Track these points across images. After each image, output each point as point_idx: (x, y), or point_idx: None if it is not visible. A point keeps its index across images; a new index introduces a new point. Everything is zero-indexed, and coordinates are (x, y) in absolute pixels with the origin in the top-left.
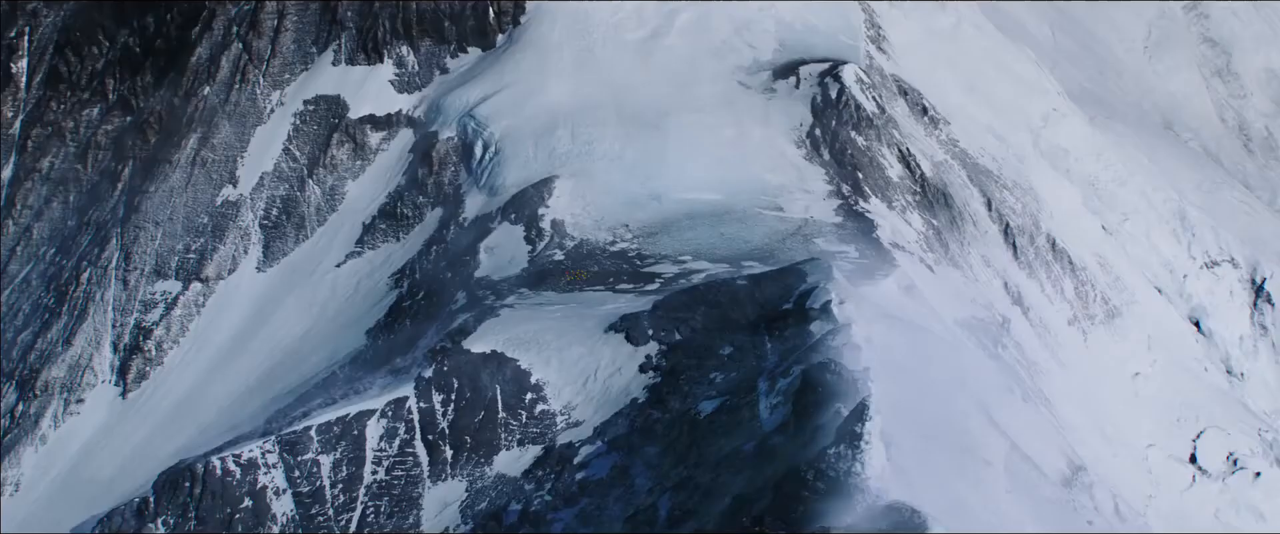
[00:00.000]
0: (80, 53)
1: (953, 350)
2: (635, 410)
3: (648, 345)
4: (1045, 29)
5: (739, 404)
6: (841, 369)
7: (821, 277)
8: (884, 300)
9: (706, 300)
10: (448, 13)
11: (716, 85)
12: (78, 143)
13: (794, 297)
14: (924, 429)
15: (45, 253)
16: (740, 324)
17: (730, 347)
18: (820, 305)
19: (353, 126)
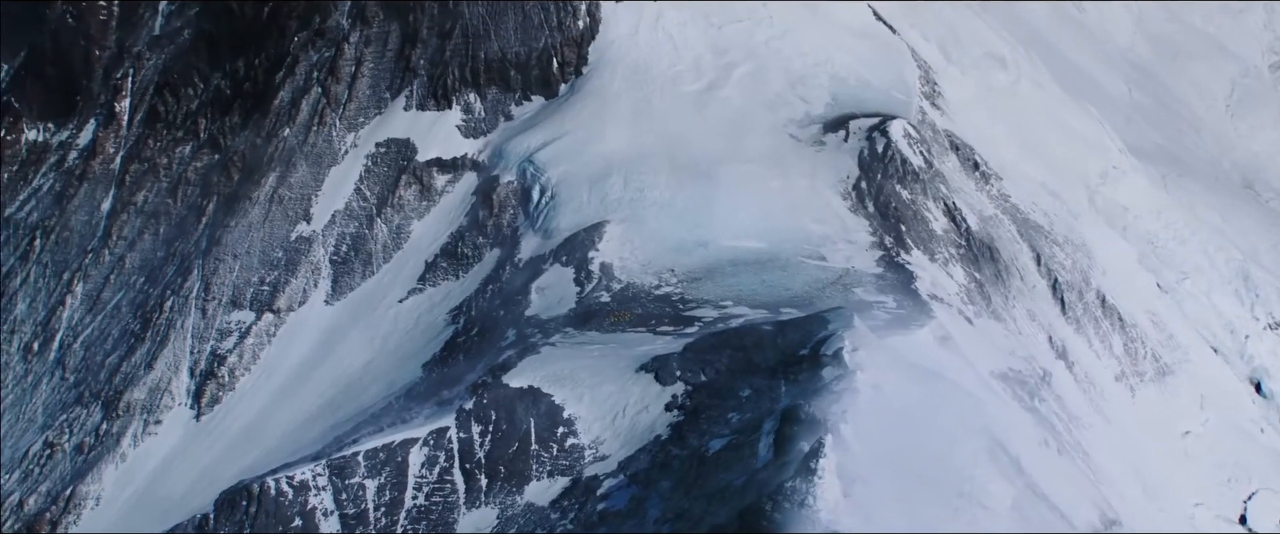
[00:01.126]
0: (177, 94)
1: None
2: (657, 446)
3: (675, 385)
4: (1121, 85)
5: (743, 442)
6: (815, 410)
7: (842, 324)
8: (914, 350)
9: (732, 344)
10: (514, 62)
11: (768, 137)
12: (170, 178)
13: (812, 343)
14: (912, 471)
15: (135, 281)
16: (762, 368)
17: (750, 389)
18: (833, 352)
19: (420, 169)
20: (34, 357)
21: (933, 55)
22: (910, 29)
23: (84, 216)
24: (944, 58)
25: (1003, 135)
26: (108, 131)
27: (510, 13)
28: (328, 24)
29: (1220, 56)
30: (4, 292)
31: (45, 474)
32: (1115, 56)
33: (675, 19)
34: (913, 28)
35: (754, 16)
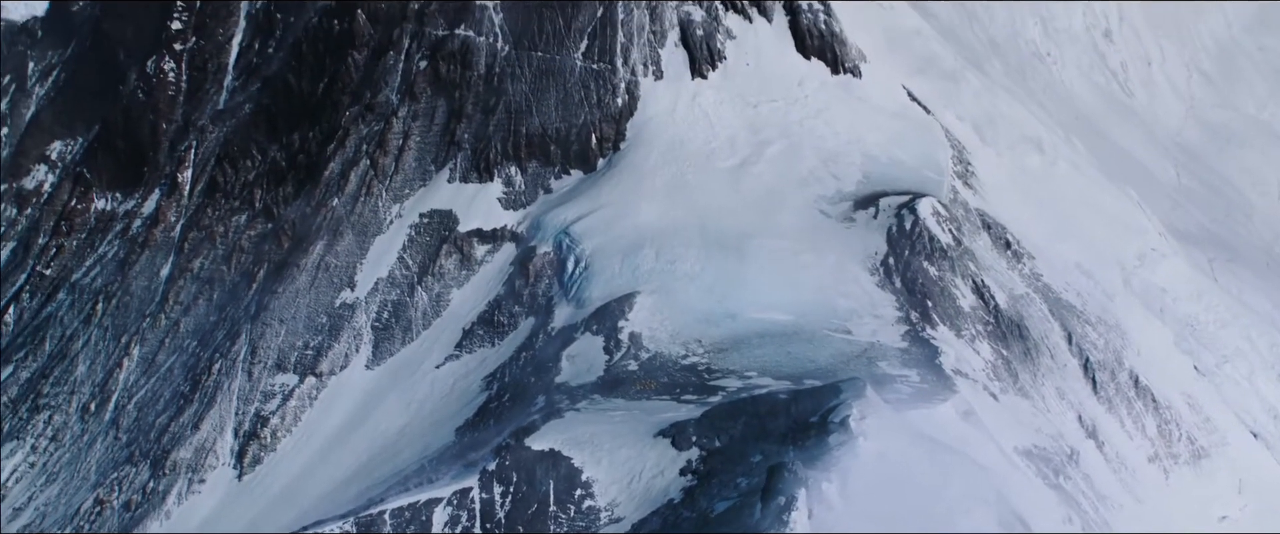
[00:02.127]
0: (236, 165)
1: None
2: (669, 509)
3: (690, 451)
4: (1169, 169)
5: (744, 504)
6: (798, 467)
7: (853, 394)
8: (932, 424)
9: (747, 411)
10: (555, 137)
11: (799, 213)
12: (226, 246)
13: (823, 410)
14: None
15: (188, 345)
16: (774, 434)
17: (760, 455)
18: (840, 419)
19: (461, 239)
20: (90, 416)
21: (967, 136)
22: (945, 110)
23: (144, 282)
24: (979, 139)
25: (1037, 216)
26: (170, 201)
27: (552, 90)
28: (378, 99)
29: (1273, 143)
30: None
31: (94, 530)
32: (1165, 141)
33: (712, 98)
34: (947, 109)
35: (789, 96)
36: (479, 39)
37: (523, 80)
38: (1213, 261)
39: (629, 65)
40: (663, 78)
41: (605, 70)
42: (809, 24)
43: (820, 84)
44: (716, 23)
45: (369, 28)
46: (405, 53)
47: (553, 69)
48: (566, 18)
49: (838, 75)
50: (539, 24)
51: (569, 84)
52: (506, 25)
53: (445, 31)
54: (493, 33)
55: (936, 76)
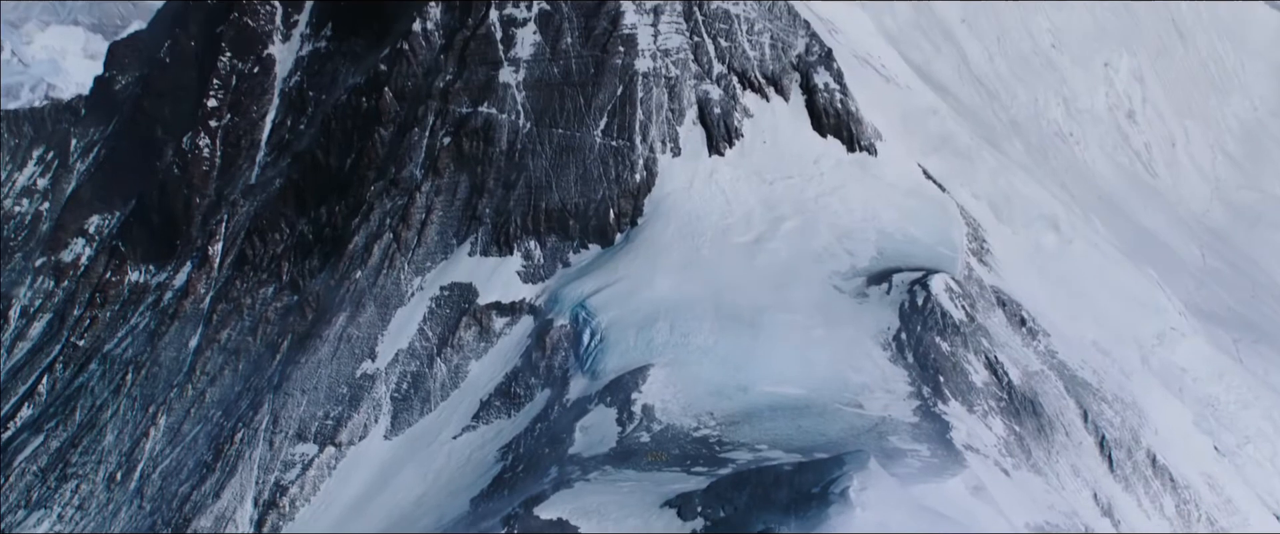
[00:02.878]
0: (265, 239)
1: None
2: None
3: (695, 521)
4: (1194, 249)
5: None
6: None
7: (856, 466)
8: (940, 498)
9: (752, 482)
10: (573, 212)
11: (813, 288)
12: (252, 318)
13: (825, 482)
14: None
15: (213, 415)
16: (777, 505)
17: (763, 524)
18: (840, 490)
19: (480, 312)
20: (116, 486)
21: (983, 214)
22: (960, 188)
23: (173, 353)
24: (995, 217)
25: (1053, 293)
26: (200, 273)
27: (572, 166)
28: (402, 174)
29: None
30: (96, 424)
31: None
32: (1190, 222)
33: (729, 174)
34: (963, 187)
35: (805, 173)
36: (501, 116)
37: (543, 156)
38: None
39: (647, 142)
40: (680, 155)
41: (624, 147)
42: (825, 103)
43: (836, 162)
44: (734, 101)
45: (395, 105)
46: (429, 129)
47: (573, 145)
48: (587, 96)
49: (853, 153)
50: (560, 102)
51: (588, 160)
52: (528, 103)
53: (469, 109)
54: (515, 110)
55: (952, 155)
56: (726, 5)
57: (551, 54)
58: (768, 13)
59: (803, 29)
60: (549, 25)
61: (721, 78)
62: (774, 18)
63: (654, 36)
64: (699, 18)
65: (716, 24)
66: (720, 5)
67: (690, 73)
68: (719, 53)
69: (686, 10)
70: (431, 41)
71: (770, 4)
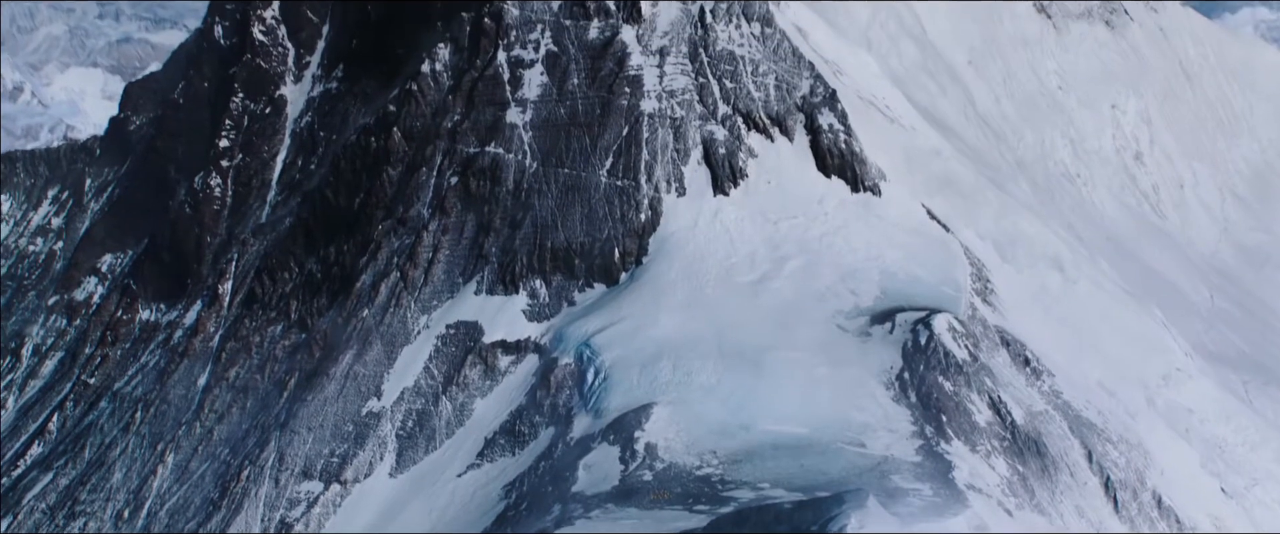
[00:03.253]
0: (274, 277)
1: None
2: None
3: None
4: (1203, 291)
5: None
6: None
7: (854, 504)
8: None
9: (752, 521)
10: (579, 251)
11: (816, 327)
12: (261, 355)
13: (823, 520)
14: None
15: (220, 453)
16: None
17: None
18: (838, 529)
19: (486, 350)
20: (124, 523)
21: (988, 254)
22: (965, 228)
23: (181, 391)
24: (999, 257)
25: (1058, 334)
26: (210, 312)
27: (578, 205)
28: (410, 213)
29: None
30: (105, 461)
31: None
32: (1199, 263)
33: (733, 214)
34: (967, 227)
35: (809, 213)
36: (508, 156)
37: (549, 196)
38: (1248, 384)
39: (652, 182)
40: (685, 194)
41: (629, 187)
42: (829, 144)
43: (840, 202)
44: (739, 142)
45: (404, 145)
46: (437, 169)
47: (579, 185)
48: (593, 136)
49: (857, 193)
50: (566, 142)
51: (594, 200)
52: (535, 143)
53: (476, 149)
54: (522, 150)
55: (956, 195)
56: (732, 47)
57: (558, 94)
58: (772, 54)
59: (807, 70)
60: (556, 66)
61: (726, 118)
62: (779, 59)
63: (659, 77)
64: (704, 59)
65: (722, 65)
66: (726, 47)
67: (695, 113)
68: (724, 94)
69: (692, 52)
70: (440, 83)
71: (775, 46)
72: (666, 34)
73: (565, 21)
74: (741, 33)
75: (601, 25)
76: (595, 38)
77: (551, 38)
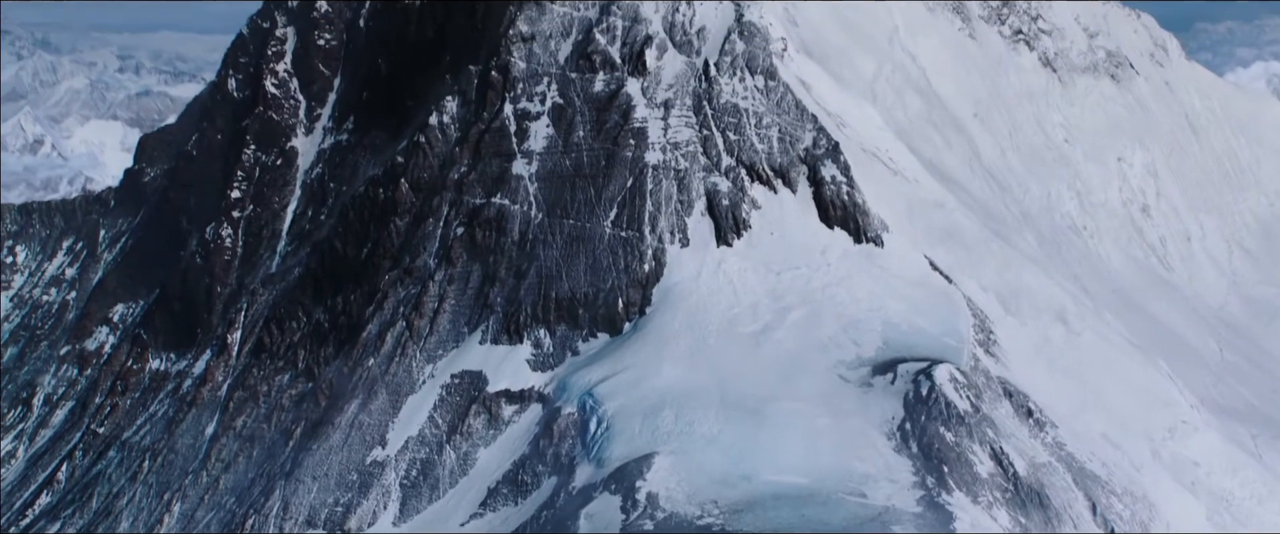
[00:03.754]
0: (282, 327)
1: None
2: None
3: None
4: (1211, 344)
5: None
6: None
7: None
8: None
9: None
10: (583, 301)
11: (818, 378)
12: (268, 405)
13: None
14: None
15: (226, 502)
16: None
17: None
18: None
19: (490, 399)
20: None
21: (991, 306)
22: (968, 280)
23: (189, 440)
24: (1003, 309)
25: (1062, 386)
26: (219, 361)
27: (582, 256)
28: (417, 263)
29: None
30: (112, 511)
31: None
32: (1207, 317)
33: (736, 265)
34: (970, 279)
35: (811, 264)
36: (514, 207)
37: (554, 246)
38: (1256, 437)
39: (656, 233)
40: (689, 245)
41: (633, 237)
42: (832, 195)
43: (842, 253)
44: (742, 193)
45: (411, 196)
46: (444, 220)
47: (583, 236)
48: (598, 187)
49: (860, 244)
50: (571, 193)
51: (598, 250)
52: (541, 194)
53: (483, 200)
54: (527, 201)
55: (959, 247)
56: (735, 100)
57: (564, 146)
58: (776, 107)
59: (810, 123)
60: (562, 118)
61: (730, 170)
62: (782, 112)
63: (664, 130)
64: (708, 112)
65: (725, 118)
66: (729, 100)
67: (699, 165)
68: (728, 146)
69: (696, 104)
70: (447, 134)
71: (778, 98)
72: (671, 87)
73: (571, 74)
74: (745, 86)
75: (607, 78)
76: (601, 90)
77: (558, 90)
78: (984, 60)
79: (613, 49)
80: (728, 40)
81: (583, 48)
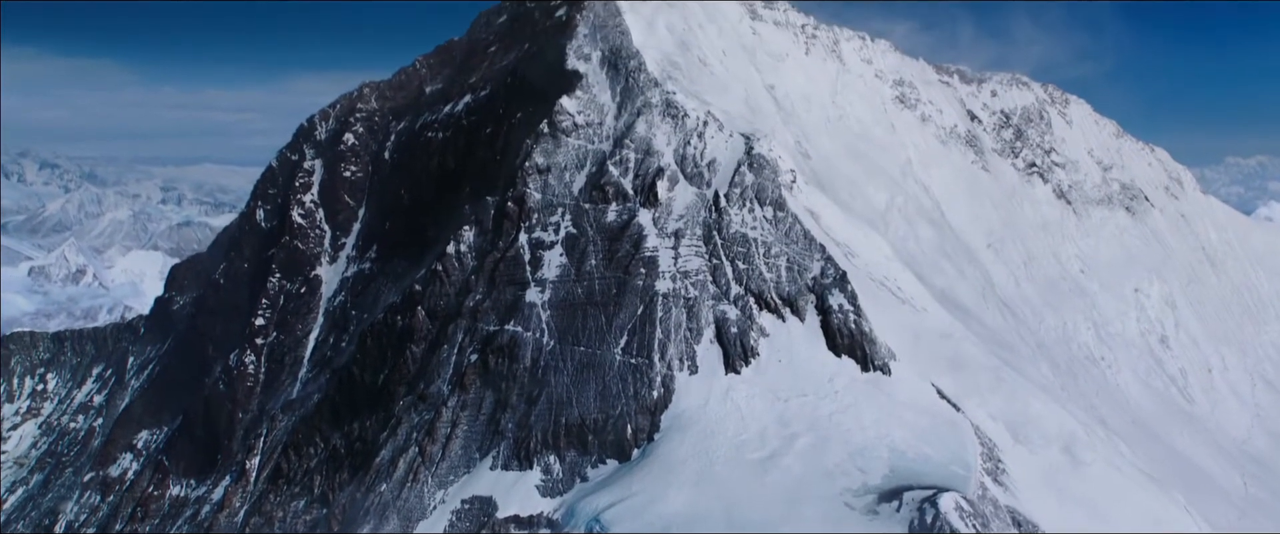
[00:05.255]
0: (300, 452)
1: None
2: None
3: None
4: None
5: None
6: None
7: None
8: None
9: None
10: (592, 427)
11: (824, 505)
12: (283, 530)
13: None
14: None
15: None
16: None
17: None
18: None
19: (499, 525)
20: None
21: (1000, 434)
22: (976, 408)
23: None
24: (1012, 437)
25: (1072, 515)
26: (237, 487)
27: (592, 383)
28: (430, 390)
29: None
30: None
31: None
32: (1231, 449)
33: (744, 392)
34: (979, 407)
35: (819, 391)
36: (526, 334)
37: (565, 373)
38: None
39: (665, 360)
40: (697, 372)
41: (643, 364)
42: (839, 323)
43: (850, 380)
44: (750, 321)
45: (428, 323)
46: (458, 346)
47: (594, 363)
48: (608, 315)
49: (867, 372)
50: (583, 320)
51: (608, 377)
52: (553, 321)
53: (496, 327)
54: (540, 328)
55: (968, 375)
56: (745, 230)
57: (576, 275)
58: (784, 237)
59: (818, 252)
60: (575, 248)
61: (738, 298)
62: (790, 241)
63: (674, 259)
64: (718, 241)
65: (735, 247)
66: (739, 230)
67: (708, 293)
68: (737, 274)
69: (706, 234)
70: (464, 263)
71: (787, 228)
72: (682, 217)
73: (585, 205)
74: (754, 216)
75: (619, 209)
76: (613, 220)
77: (571, 220)
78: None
79: (625, 180)
80: (738, 172)
81: (596, 179)
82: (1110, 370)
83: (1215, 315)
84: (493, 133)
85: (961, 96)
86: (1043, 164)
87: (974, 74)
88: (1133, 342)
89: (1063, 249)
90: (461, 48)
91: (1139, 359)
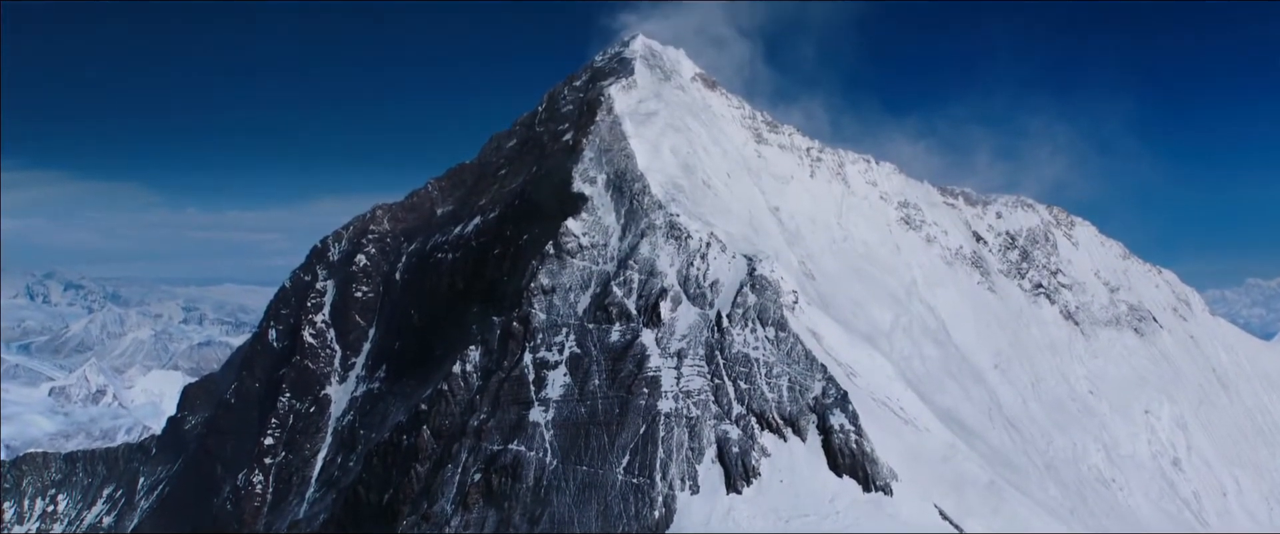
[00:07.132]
0: None
1: None
2: None
3: None
4: None
5: None
6: None
7: None
8: None
9: None
10: None
11: None
12: None
13: None
14: None
15: None
16: None
17: None
18: None
19: None
20: None
21: None
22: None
23: None
24: None
25: None
26: None
27: (594, 502)
28: (434, 509)
29: None
30: None
31: None
32: None
33: (746, 512)
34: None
35: (821, 512)
36: (530, 453)
37: (567, 492)
38: None
39: (667, 480)
40: (699, 492)
41: (645, 484)
42: (841, 444)
43: (851, 501)
44: (752, 441)
45: (432, 442)
46: (462, 466)
47: (596, 482)
48: (611, 434)
49: (869, 493)
50: (586, 440)
51: (610, 497)
52: (556, 441)
53: (500, 446)
54: (543, 447)
55: (971, 496)
56: (747, 350)
57: (580, 394)
58: (786, 357)
59: (820, 372)
60: (578, 368)
61: (740, 418)
62: (792, 362)
63: (677, 379)
64: (720, 361)
65: (737, 367)
66: (741, 350)
67: (710, 413)
68: (739, 394)
69: (708, 354)
70: (469, 382)
71: (789, 349)
72: (685, 337)
73: (589, 325)
74: (756, 336)
75: (623, 329)
76: (617, 341)
77: (575, 341)
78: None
79: (629, 301)
80: (740, 292)
81: (600, 300)
82: (1122, 493)
83: (1228, 437)
84: (501, 254)
85: (967, 218)
86: (1049, 285)
87: (979, 196)
88: (1144, 463)
89: (1071, 370)
90: (472, 170)
91: (1151, 481)
